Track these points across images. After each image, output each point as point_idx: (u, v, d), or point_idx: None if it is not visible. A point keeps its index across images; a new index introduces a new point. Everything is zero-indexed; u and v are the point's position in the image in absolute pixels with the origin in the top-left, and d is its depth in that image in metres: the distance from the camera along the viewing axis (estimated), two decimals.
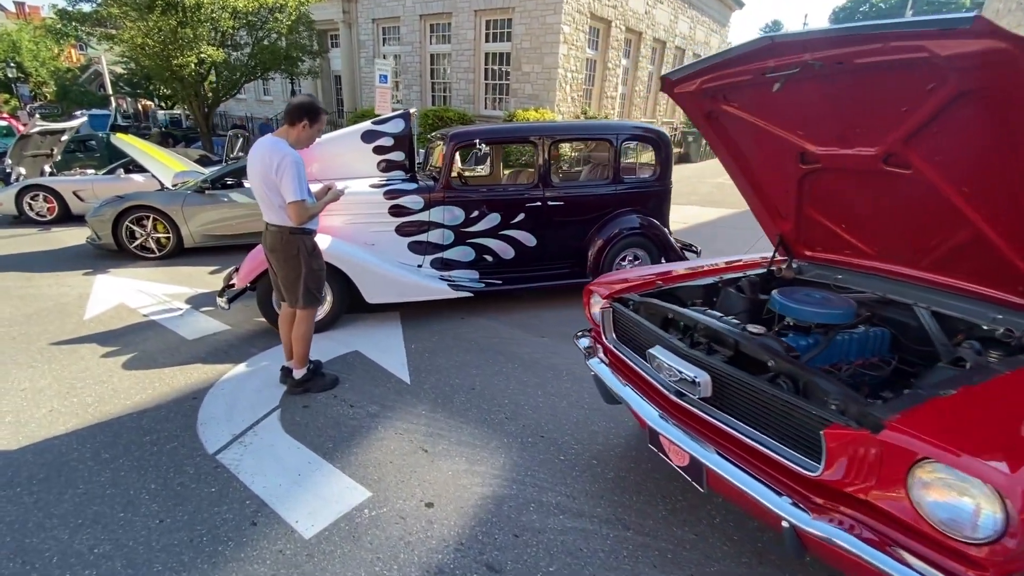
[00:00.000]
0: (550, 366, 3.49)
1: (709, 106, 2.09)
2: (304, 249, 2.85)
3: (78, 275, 5.47)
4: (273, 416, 2.85)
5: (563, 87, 15.96)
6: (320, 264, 2.98)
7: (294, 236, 2.81)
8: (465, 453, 2.55)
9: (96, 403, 2.97)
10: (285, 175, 2.61)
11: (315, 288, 2.95)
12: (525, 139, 4.37)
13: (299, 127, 2.73)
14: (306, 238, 2.86)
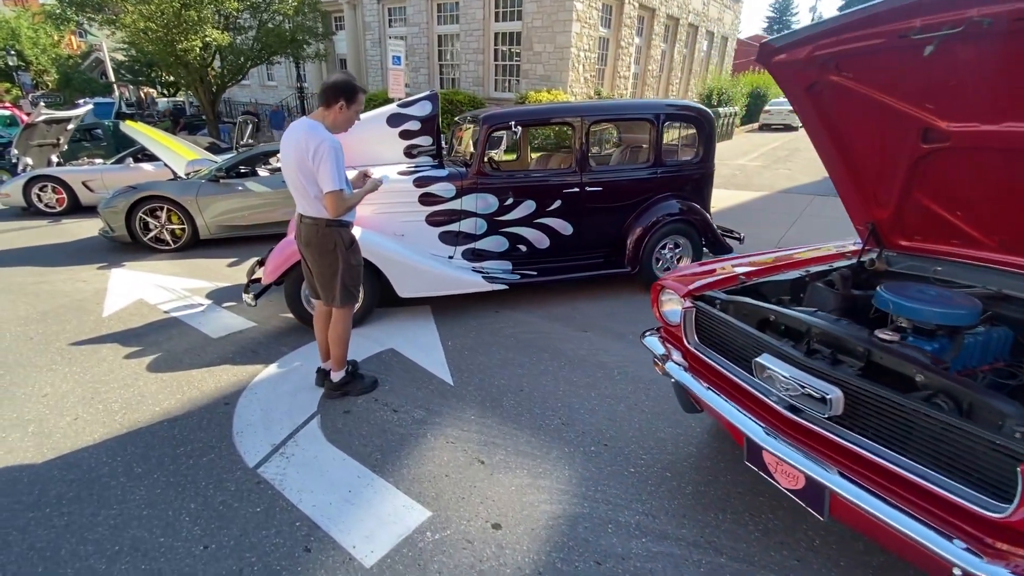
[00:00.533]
0: (599, 364, 3.28)
1: (815, 77, 1.83)
2: (342, 243, 2.62)
3: (92, 269, 5.28)
4: (313, 423, 2.65)
5: (576, 67, 15.51)
6: (358, 259, 2.75)
7: (331, 229, 2.57)
8: (525, 465, 2.35)
9: (123, 410, 2.78)
10: (323, 162, 2.36)
11: (352, 285, 2.72)
12: (563, 120, 4.09)
13: (335, 108, 2.46)
14: (343, 231, 2.63)
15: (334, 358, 2.83)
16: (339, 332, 2.77)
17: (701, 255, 4.65)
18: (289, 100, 20.41)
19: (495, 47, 16.65)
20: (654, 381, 3.07)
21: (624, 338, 3.66)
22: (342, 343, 2.80)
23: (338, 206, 2.46)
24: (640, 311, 4.13)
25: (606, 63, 17.44)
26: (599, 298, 4.39)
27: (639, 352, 3.42)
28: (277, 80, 23.94)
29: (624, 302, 4.32)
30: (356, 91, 2.51)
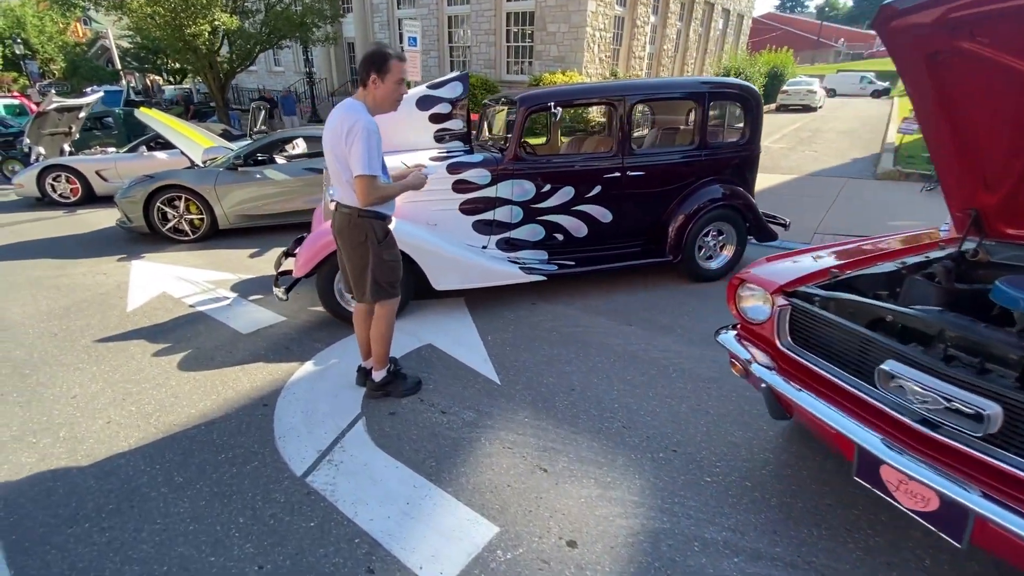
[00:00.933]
0: (651, 361, 3.09)
1: (941, 44, 1.60)
2: (373, 235, 2.39)
3: (112, 261, 5.14)
4: (358, 426, 2.50)
5: (591, 47, 15.09)
6: (393, 255, 2.50)
7: (363, 220, 2.35)
8: (591, 473, 2.18)
9: (157, 412, 2.64)
10: (355, 143, 2.14)
11: (385, 282, 2.49)
12: (605, 100, 3.86)
13: (371, 85, 2.22)
14: (377, 223, 2.39)
15: (376, 356, 2.67)
16: (380, 330, 2.60)
17: (745, 243, 4.43)
18: (297, 86, 20.10)
19: (507, 28, 16.23)
20: (714, 380, 2.88)
21: (672, 332, 3.47)
22: (383, 341, 2.63)
23: (368, 193, 2.21)
24: (683, 303, 3.93)
25: (621, 43, 16.98)
26: (637, 289, 4.20)
27: (691, 347, 3.24)
28: (284, 65, 23.62)
29: (665, 293, 4.12)
30: (386, 59, 2.20)
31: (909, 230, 2.55)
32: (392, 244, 2.50)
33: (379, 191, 2.25)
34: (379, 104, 2.27)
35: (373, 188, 2.21)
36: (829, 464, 2.21)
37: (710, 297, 4.05)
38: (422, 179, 2.50)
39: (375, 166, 2.18)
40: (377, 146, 2.17)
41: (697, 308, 3.84)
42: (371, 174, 2.17)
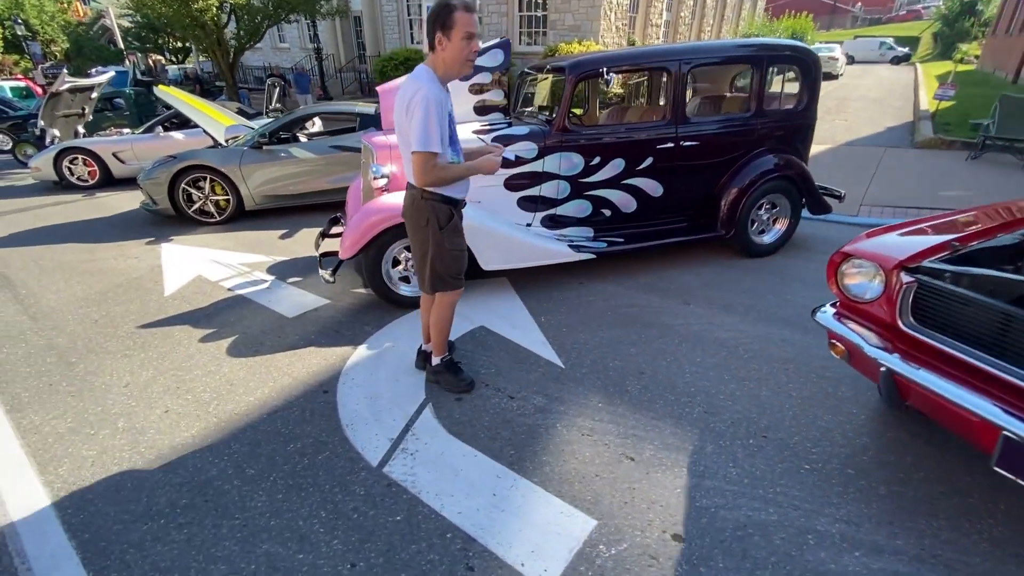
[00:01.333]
0: (717, 341, 2.96)
1: None
2: (435, 220, 2.17)
3: (140, 245, 5.03)
4: (427, 413, 2.40)
5: (607, 15, 14.58)
6: (456, 243, 2.26)
7: (425, 202, 2.15)
8: (681, 461, 2.07)
9: (214, 400, 2.55)
10: (414, 115, 1.92)
11: (446, 272, 2.28)
12: (659, 65, 3.64)
13: (438, 47, 1.97)
14: (441, 207, 2.16)
15: (433, 343, 2.54)
16: (437, 318, 2.45)
17: (799, 216, 4.24)
18: (303, 62, 19.68)
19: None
20: (788, 360, 2.75)
21: (733, 311, 3.32)
22: (439, 330, 2.48)
23: (426, 172, 2.00)
24: (738, 280, 3.78)
25: (637, 10, 16.39)
26: (687, 265, 4.04)
27: (756, 326, 3.10)
28: (289, 41, 23.12)
29: (718, 270, 3.96)
30: (450, 11, 1.91)
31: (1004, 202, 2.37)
32: (457, 232, 2.26)
33: (438, 171, 2.02)
34: (449, 67, 2.00)
35: (430, 167, 1.99)
36: (932, 450, 2.09)
37: (765, 272, 3.89)
38: (494, 164, 2.18)
39: (433, 142, 1.94)
40: (439, 119, 1.94)
41: (754, 285, 3.68)
42: (428, 151, 1.95)
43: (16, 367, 2.92)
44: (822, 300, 3.33)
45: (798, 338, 2.97)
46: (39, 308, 3.68)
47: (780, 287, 3.64)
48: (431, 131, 1.93)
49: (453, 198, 2.20)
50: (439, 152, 1.98)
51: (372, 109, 6.05)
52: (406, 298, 3.43)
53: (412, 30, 18.50)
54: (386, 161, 3.46)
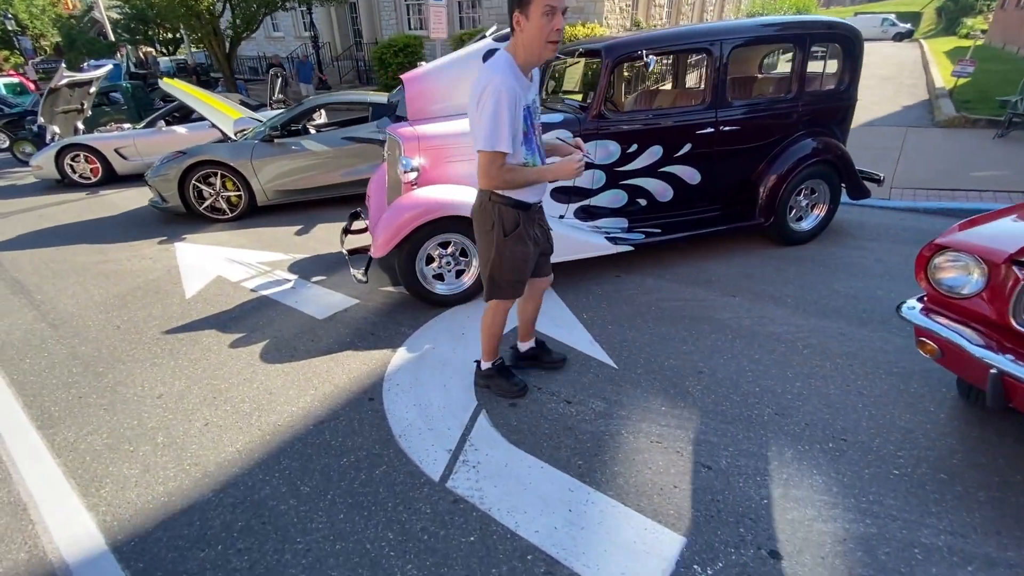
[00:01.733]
0: (773, 336, 2.84)
1: None
2: (499, 226, 1.98)
3: (153, 244, 4.88)
4: (482, 420, 2.28)
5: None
6: (518, 253, 2.05)
7: (493, 205, 1.97)
8: (761, 469, 1.96)
9: (255, 412, 2.43)
10: (483, 109, 1.74)
11: (503, 280, 2.11)
12: (700, 46, 3.46)
13: (516, 28, 1.72)
14: (508, 211, 1.96)
15: (482, 347, 2.41)
16: (488, 323, 2.30)
17: (839, 201, 4.10)
18: (299, 51, 19.28)
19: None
20: (851, 355, 2.63)
21: (782, 303, 3.20)
22: (489, 335, 2.34)
23: (490, 175, 1.83)
24: (781, 269, 3.65)
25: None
26: (724, 256, 3.90)
27: (809, 319, 2.98)
28: (284, 30, 22.67)
29: (757, 260, 3.83)
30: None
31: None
32: (522, 239, 2.04)
33: (504, 174, 1.83)
34: (529, 50, 1.75)
35: (496, 169, 1.82)
36: (1022, 450, 1.98)
37: (807, 262, 3.76)
38: (571, 169, 1.88)
39: (501, 140, 1.75)
40: (511, 115, 1.73)
41: (798, 275, 3.55)
42: (494, 150, 1.77)
43: (42, 379, 2.80)
44: (872, 290, 3.22)
45: (856, 331, 2.85)
46: (57, 314, 3.54)
47: (826, 277, 3.51)
48: (500, 128, 1.74)
49: (524, 202, 1.99)
50: (507, 152, 1.79)
51: (385, 98, 5.85)
52: (442, 297, 3.30)
53: (409, 15, 18.12)
54: (414, 153, 3.30)
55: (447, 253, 3.28)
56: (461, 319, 3.18)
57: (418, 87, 3.52)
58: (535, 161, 1.93)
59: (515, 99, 1.74)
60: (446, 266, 3.31)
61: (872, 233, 4.31)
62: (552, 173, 1.91)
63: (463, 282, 3.37)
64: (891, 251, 3.90)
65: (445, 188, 3.20)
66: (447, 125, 3.39)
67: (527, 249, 2.07)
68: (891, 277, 3.47)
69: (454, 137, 3.32)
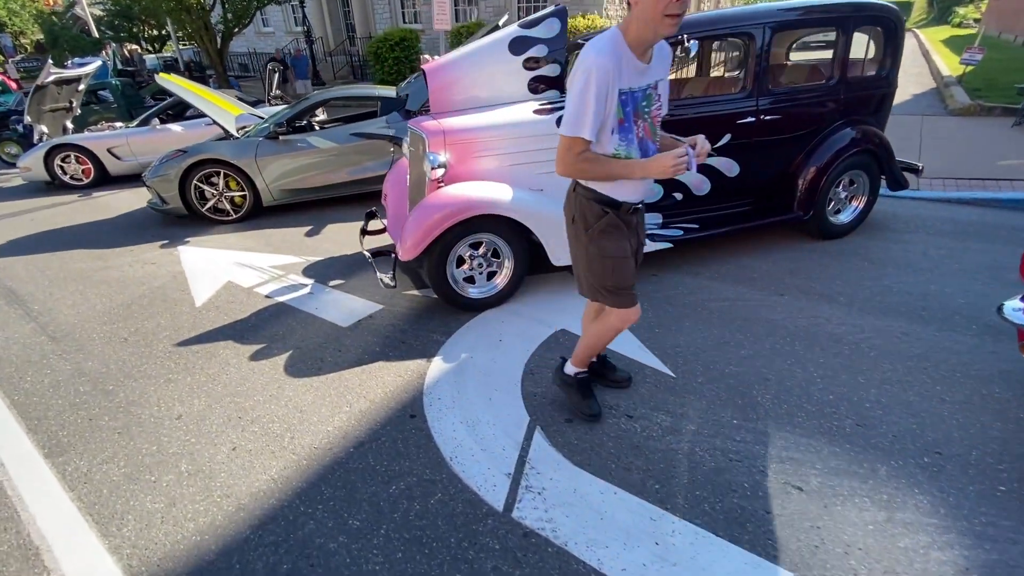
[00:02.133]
0: (833, 337, 2.67)
1: None
2: (581, 219, 1.80)
3: (155, 248, 4.63)
4: (538, 438, 2.09)
5: None
6: (606, 250, 1.79)
7: (577, 196, 1.80)
8: (858, 490, 1.78)
9: (287, 433, 2.22)
10: (572, 88, 1.56)
11: (597, 282, 1.86)
12: (743, 30, 3.27)
13: (632, 2, 1.49)
14: (591, 205, 1.76)
15: (577, 350, 2.15)
16: (596, 329, 2.03)
17: (878, 192, 3.94)
18: (291, 46, 18.86)
19: None
20: (921, 357, 2.47)
21: (834, 301, 3.03)
22: (590, 344, 2.08)
23: (565, 161, 1.63)
24: (824, 265, 3.48)
25: None
26: (760, 251, 3.73)
27: (867, 318, 2.82)
28: (274, 25, 22.21)
29: (796, 254, 3.66)
30: None
31: None
32: (609, 236, 1.78)
33: (580, 163, 1.62)
34: (643, 26, 1.49)
35: (573, 157, 1.61)
36: None
37: (849, 256, 3.60)
38: (664, 165, 1.55)
39: (582, 125, 1.55)
40: (598, 97, 1.51)
41: (844, 271, 3.39)
42: (573, 135, 1.57)
43: (46, 399, 2.57)
44: (924, 286, 3.04)
45: (920, 331, 2.68)
46: (58, 327, 3.30)
47: (873, 272, 3.35)
48: (584, 111, 1.53)
49: (611, 199, 1.74)
50: (588, 140, 1.58)
51: (394, 92, 5.61)
52: (474, 301, 3.11)
53: (404, 9, 17.78)
54: (439, 148, 3.09)
55: (479, 254, 3.08)
56: (495, 324, 2.99)
57: (441, 78, 3.31)
58: (631, 154, 1.66)
59: (607, 81, 1.51)
60: (477, 268, 3.11)
61: (908, 225, 4.15)
62: (642, 168, 1.63)
63: (495, 284, 3.17)
64: (933, 244, 3.74)
65: (476, 185, 2.99)
66: (473, 118, 3.18)
67: (621, 244, 1.79)
68: (940, 272, 3.32)
69: (481, 130, 3.12)
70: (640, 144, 1.67)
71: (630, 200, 1.77)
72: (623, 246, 1.81)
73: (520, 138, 3.18)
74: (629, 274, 1.85)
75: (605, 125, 1.59)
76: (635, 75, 1.58)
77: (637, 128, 1.64)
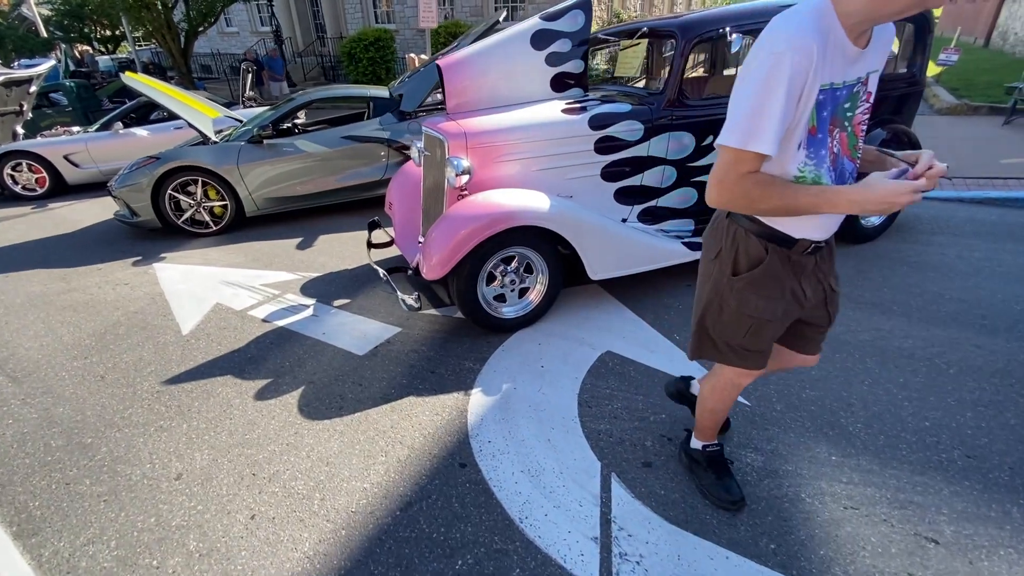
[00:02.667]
0: (904, 353, 2.47)
1: None
2: (733, 259, 1.34)
3: (126, 266, 4.14)
4: (618, 490, 1.80)
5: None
6: (747, 306, 1.35)
7: (729, 224, 1.34)
8: (999, 539, 1.56)
9: (315, 492, 1.87)
10: (745, 79, 1.07)
11: (718, 336, 1.44)
12: None
13: None
14: (749, 241, 1.30)
15: (698, 422, 1.77)
16: (709, 390, 1.66)
17: None
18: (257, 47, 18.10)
19: None
20: (1005, 373, 2.29)
21: (889, 311, 2.85)
22: (708, 409, 1.70)
23: (725, 182, 1.12)
24: (863, 271, 3.32)
25: None
26: None
27: (930, 329, 2.64)
28: (238, 25, 21.30)
29: (838, 260, 3.47)
30: None
31: None
32: (759, 293, 1.33)
33: (748, 187, 1.11)
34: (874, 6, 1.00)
35: (734, 176, 1.11)
36: None
37: (886, 260, 3.44)
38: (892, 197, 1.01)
39: (758, 134, 1.05)
40: (790, 95, 1.03)
41: (886, 277, 3.23)
42: (739, 147, 1.08)
43: (10, 459, 2.13)
44: (973, 291, 2.85)
45: (990, 342, 2.52)
46: (18, 363, 2.83)
47: (915, 278, 3.20)
48: (764, 113, 1.04)
49: (783, 234, 1.27)
50: (766, 154, 1.07)
51: (386, 92, 5.25)
52: (509, 321, 2.80)
53: (376, 8, 17.29)
54: (461, 152, 2.78)
55: (511, 269, 2.78)
56: (531, 347, 2.69)
57: (459, 76, 3.00)
58: (819, 178, 1.17)
59: (805, 72, 1.02)
60: (509, 284, 2.80)
61: (931, 226, 4.05)
62: (848, 200, 1.06)
63: (529, 301, 2.88)
64: (965, 246, 3.63)
65: (509, 193, 2.69)
66: (497, 118, 2.89)
67: (771, 306, 1.34)
68: (984, 276, 3.18)
69: (507, 132, 2.83)
70: (835, 164, 1.18)
71: (811, 237, 1.27)
72: (773, 307, 1.34)
73: (549, 140, 2.90)
74: (769, 338, 1.42)
75: (791, 135, 1.11)
76: (842, 64, 1.08)
77: (832, 141, 1.15)
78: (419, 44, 15.91)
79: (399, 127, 4.97)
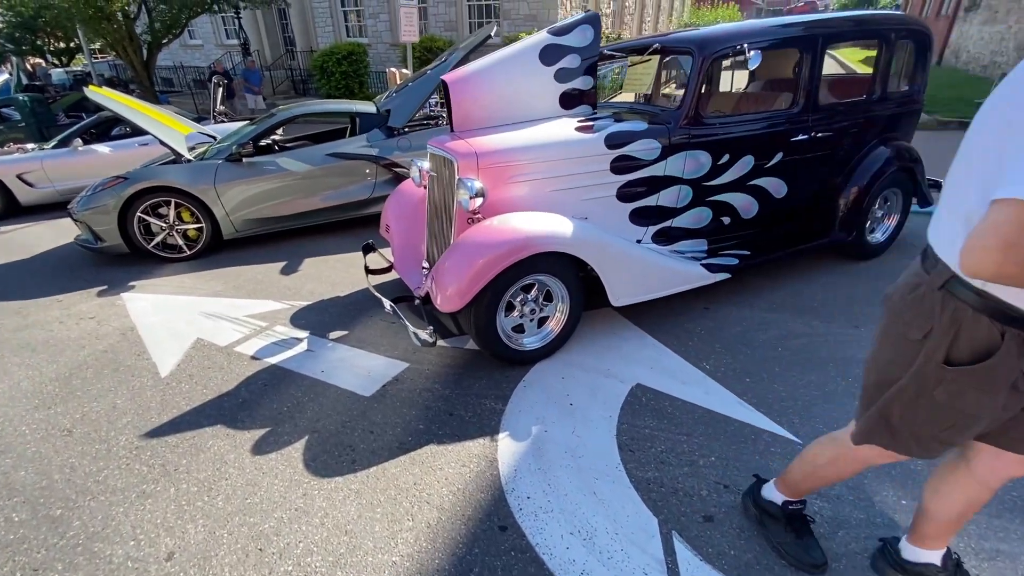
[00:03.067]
0: None
1: None
2: (951, 342, 1.04)
3: (91, 298, 3.77)
4: (683, 552, 1.61)
5: (564, 4, 14.02)
6: (961, 402, 1.07)
7: (945, 297, 1.04)
8: None
9: (335, 569, 1.61)
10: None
11: (908, 428, 1.16)
12: (798, 39, 3.00)
13: None
14: (980, 322, 1.00)
15: (792, 475, 1.55)
16: (821, 461, 1.46)
17: (908, 210, 3.82)
18: (224, 60, 17.55)
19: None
20: None
21: None
22: (817, 477, 1.49)
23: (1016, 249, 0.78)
24: (879, 291, 3.26)
25: (589, 0, 15.98)
26: (804, 275, 3.49)
27: None
28: (202, 38, 20.68)
29: (842, 278, 3.44)
30: None
31: None
32: (982, 389, 1.04)
33: None
34: None
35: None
36: None
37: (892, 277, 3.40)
38: None
39: None
40: None
41: None
42: None
43: None
44: None
45: None
46: None
47: None
48: None
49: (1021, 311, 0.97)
50: None
51: (372, 107, 5.03)
52: (528, 352, 2.61)
53: (348, 22, 17.03)
54: (472, 173, 2.60)
55: (531, 298, 2.59)
56: (553, 381, 2.50)
57: (466, 92, 2.83)
58: None
59: None
60: (529, 314, 2.61)
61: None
62: None
63: (550, 330, 2.69)
64: None
65: (528, 217, 2.51)
66: (508, 137, 2.73)
67: (993, 402, 1.05)
68: None
69: (521, 151, 2.67)
70: None
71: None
72: (994, 403, 1.05)
73: (565, 160, 2.75)
74: (968, 434, 1.15)
75: None
76: None
77: None
78: (392, 58, 15.72)
79: (388, 144, 4.75)
